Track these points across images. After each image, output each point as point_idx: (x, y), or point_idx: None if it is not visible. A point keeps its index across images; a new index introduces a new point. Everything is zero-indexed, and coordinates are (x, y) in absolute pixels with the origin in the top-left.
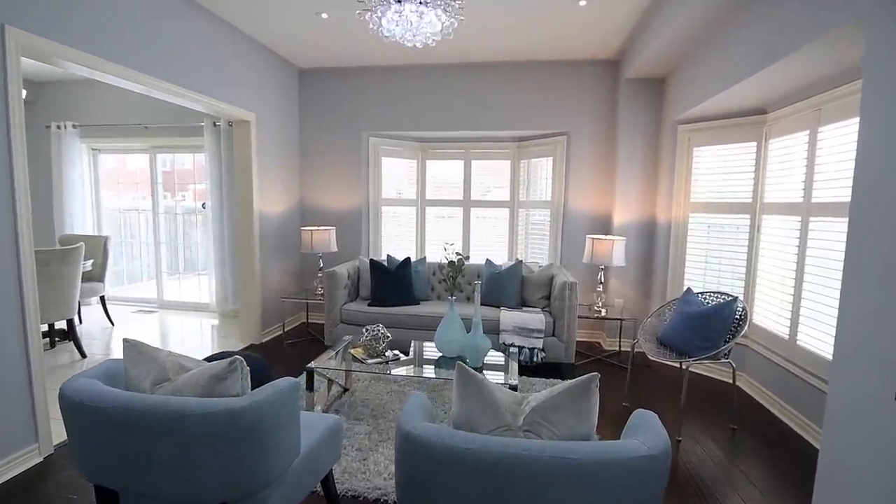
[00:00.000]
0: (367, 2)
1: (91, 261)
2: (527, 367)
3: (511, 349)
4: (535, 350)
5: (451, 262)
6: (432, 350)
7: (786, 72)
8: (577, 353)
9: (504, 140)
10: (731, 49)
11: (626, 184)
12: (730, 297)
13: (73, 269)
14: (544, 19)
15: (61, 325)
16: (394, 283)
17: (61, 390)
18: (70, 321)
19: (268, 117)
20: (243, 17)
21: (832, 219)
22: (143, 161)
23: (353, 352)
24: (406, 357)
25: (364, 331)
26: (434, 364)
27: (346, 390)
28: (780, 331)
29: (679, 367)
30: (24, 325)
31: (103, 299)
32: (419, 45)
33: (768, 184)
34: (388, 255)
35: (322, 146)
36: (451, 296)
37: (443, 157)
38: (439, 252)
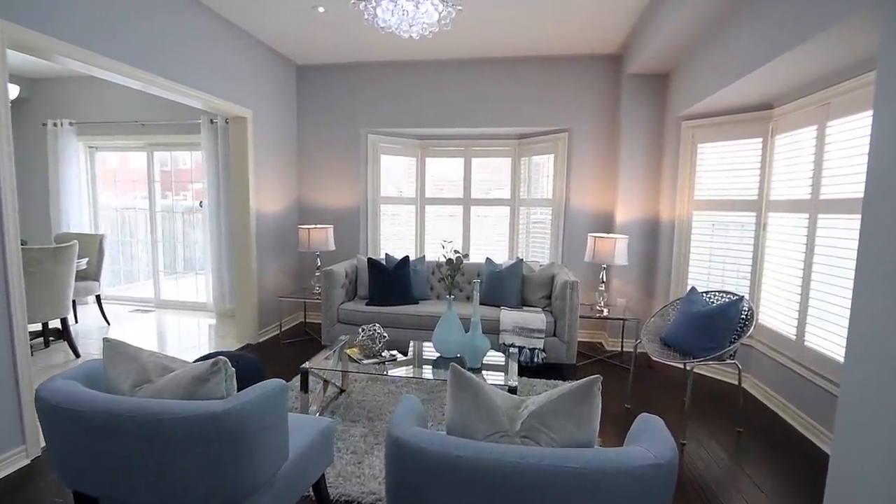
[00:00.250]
0: None
1: (86, 259)
2: (527, 368)
3: (511, 350)
4: (536, 350)
5: (450, 261)
6: (431, 350)
7: (792, 65)
8: (578, 354)
9: (504, 137)
10: (736, 43)
11: (629, 181)
12: (735, 297)
13: (66, 268)
14: (544, 12)
15: (56, 324)
16: (392, 282)
17: (37, 392)
18: (64, 320)
19: (265, 114)
20: (240, 13)
21: (841, 215)
22: (141, 159)
23: (348, 352)
24: (404, 357)
25: (360, 330)
26: (432, 365)
27: (342, 391)
28: (787, 331)
29: (683, 369)
30: (11, 324)
31: (99, 298)
32: (415, 37)
33: (774, 181)
34: (387, 254)
35: (320, 143)
36: (450, 295)
37: (442, 154)
38: (439, 251)
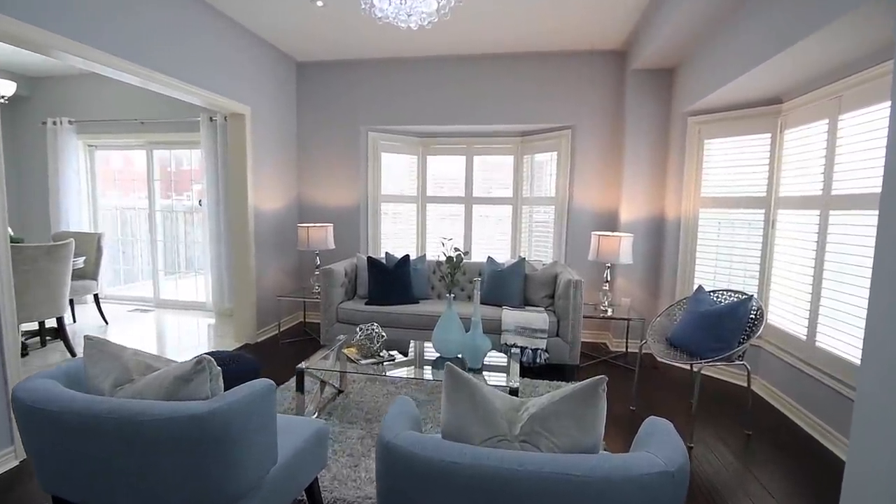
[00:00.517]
0: None
1: (83, 258)
2: (529, 369)
3: (513, 350)
4: (539, 351)
5: (449, 258)
6: (432, 350)
7: (801, 57)
8: (582, 355)
9: (507, 135)
10: (743, 35)
11: (634, 179)
12: (744, 296)
13: (62, 266)
14: (545, 7)
15: (53, 323)
16: (392, 281)
17: (13, 391)
18: (60, 319)
19: (264, 111)
20: (237, 7)
21: (854, 211)
22: (140, 158)
23: (346, 352)
24: (404, 357)
25: (357, 330)
26: (431, 365)
27: (340, 392)
28: (797, 331)
29: (689, 370)
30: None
31: (97, 298)
32: (413, 27)
33: (784, 177)
34: (387, 253)
35: (320, 141)
36: (449, 293)
37: (444, 152)
38: (439, 248)
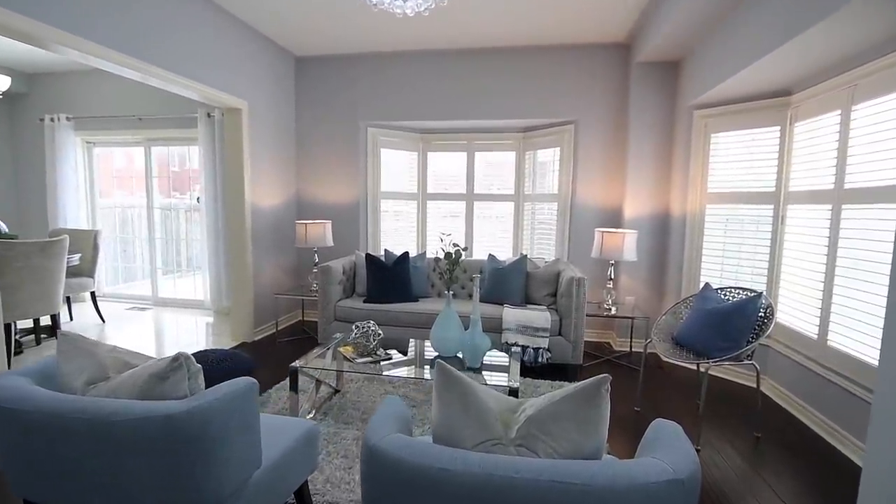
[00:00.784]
0: None
1: (78, 255)
2: (531, 369)
3: (514, 349)
4: (540, 350)
5: (448, 254)
6: (432, 349)
7: (811, 46)
8: (585, 354)
9: (508, 130)
10: (750, 24)
11: (638, 174)
12: (753, 293)
13: (55, 263)
14: None
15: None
16: (391, 278)
17: None
18: (54, 317)
19: (261, 106)
20: (235, 1)
21: (869, 205)
22: (139, 155)
23: (342, 350)
24: (403, 357)
25: (353, 328)
26: (430, 364)
27: (336, 391)
28: (808, 330)
29: (696, 370)
30: None
31: (94, 295)
32: (410, 13)
33: (794, 171)
34: (386, 250)
35: (319, 137)
36: (448, 290)
37: (445, 148)
38: (438, 245)
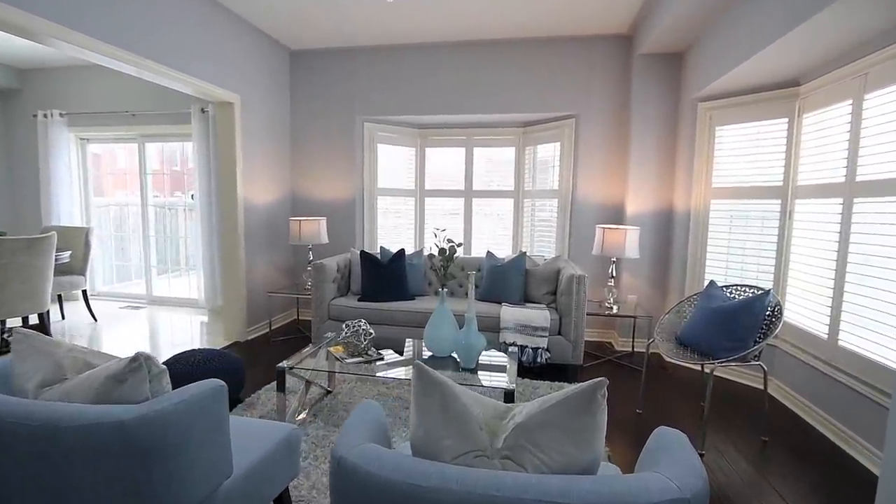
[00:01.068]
0: None
1: (68, 252)
2: (529, 369)
3: (511, 349)
4: (539, 350)
5: (442, 250)
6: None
7: (818, 33)
8: (585, 354)
9: (508, 125)
10: (757, 10)
11: (640, 169)
12: (761, 290)
13: (43, 261)
14: None
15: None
16: (386, 276)
17: None
18: (41, 316)
19: (254, 100)
20: None
21: (882, 198)
22: (133, 152)
23: (331, 350)
24: (399, 357)
25: (343, 327)
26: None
27: (328, 392)
28: (818, 329)
29: (700, 371)
30: None
31: (85, 294)
32: None
33: (802, 164)
34: (382, 248)
35: (315, 132)
36: (442, 287)
37: (443, 143)
38: (432, 241)
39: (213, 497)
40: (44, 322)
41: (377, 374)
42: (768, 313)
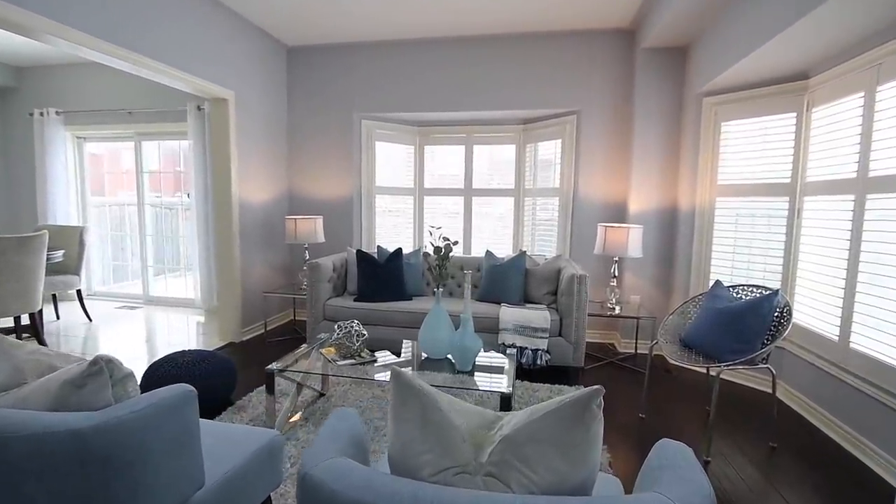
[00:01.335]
0: None
1: (62, 251)
2: (529, 372)
3: (509, 351)
4: (539, 352)
5: (438, 248)
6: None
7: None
8: (586, 356)
9: (508, 122)
10: (761, 2)
11: (643, 166)
12: (768, 291)
13: (34, 260)
14: None
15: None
16: (383, 276)
17: None
18: (33, 316)
19: (250, 97)
20: None
21: None
22: (129, 151)
23: (323, 352)
24: (396, 358)
25: (336, 328)
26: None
27: (321, 395)
28: (828, 331)
29: (706, 374)
30: None
31: (80, 293)
32: None
33: (811, 160)
34: (379, 247)
35: (312, 130)
36: (438, 287)
37: (442, 141)
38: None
39: None
40: (35, 322)
41: (367, 376)
42: (776, 314)
